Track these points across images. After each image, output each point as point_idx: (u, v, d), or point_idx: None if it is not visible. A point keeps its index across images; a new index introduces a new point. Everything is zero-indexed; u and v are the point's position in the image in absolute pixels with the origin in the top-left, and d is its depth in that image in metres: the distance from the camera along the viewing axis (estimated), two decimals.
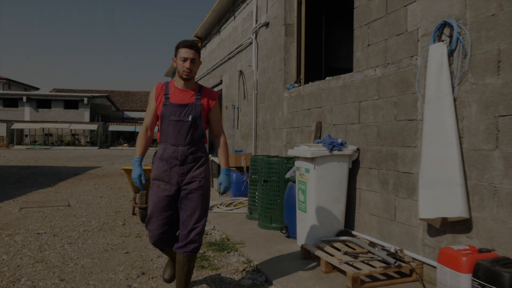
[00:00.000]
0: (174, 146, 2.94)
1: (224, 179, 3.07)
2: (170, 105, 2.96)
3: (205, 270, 3.85)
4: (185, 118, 2.94)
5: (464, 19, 3.14)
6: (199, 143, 3.02)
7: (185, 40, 2.99)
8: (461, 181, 3.02)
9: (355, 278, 3.25)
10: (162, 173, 2.96)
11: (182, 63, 2.94)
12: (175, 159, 2.93)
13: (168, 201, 2.95)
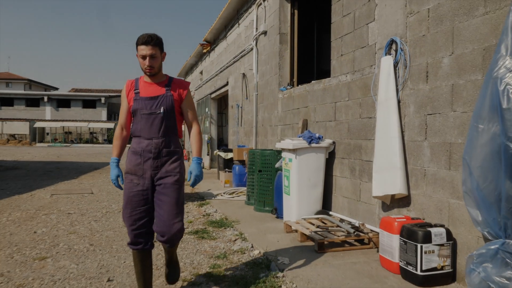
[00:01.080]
0: (148, 139, 2.89)
1: (195, 167, 2.94)
2: (140, 99, 2.91)
3: (204, 240, 4.75)
4: (157, 110, 2.88)
5: (405, 38, 3.96)
6: (172, 136, 2.96)
7: (142, 35, 2.85)
8: (400, 166, 3.85)
9: (320, 243, 4.11)
10: (135, 167, 2.91)
11: (142, 61, 2.86)
12: (149, 152, 2.88)
13: (142, 196, 2.88)
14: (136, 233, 2.89)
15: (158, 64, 2.92)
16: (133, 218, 2.88)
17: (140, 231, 2.89)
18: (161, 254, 4.20)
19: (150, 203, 2.91)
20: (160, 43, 2.90)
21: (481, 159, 2.63)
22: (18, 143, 41.46)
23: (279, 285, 3.29)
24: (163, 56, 2.97)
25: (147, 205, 2.90)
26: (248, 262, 3.91)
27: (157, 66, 2.90)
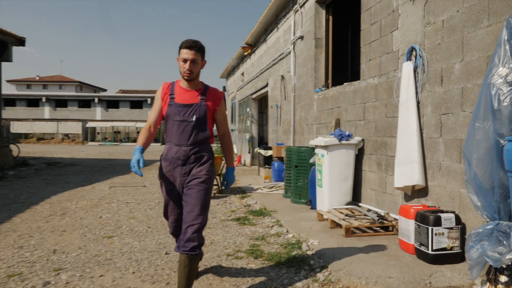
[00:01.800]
0: (178, 146, 2.95)
1: (229, 177, 3.15)
2: (175, 105, 2.95)
3: (245, 225, 5.40)
4: (189, 118, 2.92)
5: (423, 45, 4.41)
6: (203, 144, 3.00)
7: (187, 40, 2.92)
8: (418, 160, 4.31)
9: (347, 229, 4.63)
10: (167, 173, 3.00)
11: (182, 64, 2.90)
12: (177, 159, 2.94)
13: (175, 200, 3.03)
14: (178, 228, 3.10)
15: (197, 70, 2.95)
16: (172, 217, 3.09)
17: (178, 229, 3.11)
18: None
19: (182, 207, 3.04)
20: (203, 50, 2.96)
21: (478, 153, 3.09)
22: (71, 142, 44.07)
23: (308, 260, 3.87)
24: (203, 64, 3.00)
25: (180, 209, 3.05)
26: (282, 243, 4.50)
27: (196, 72, 2.93)
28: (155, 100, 3.09)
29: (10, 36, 15.43)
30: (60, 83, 61.24)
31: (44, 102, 48.18)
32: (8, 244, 4.64)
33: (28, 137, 45.20)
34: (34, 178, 11.09)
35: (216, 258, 4.09)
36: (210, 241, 4.70)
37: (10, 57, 16.06)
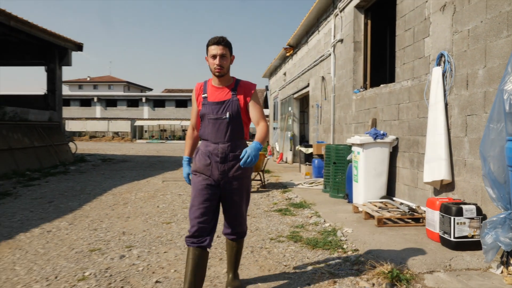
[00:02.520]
0: (215, 144, 2.96)
1: (252, 147, 2.70)
2: (208, 104, 2.99)
3: (286, 216, 5.96)
4: (223, 115, 2.94)
5: (451, 52, 4.79)
6: (239, 140, 3.02)
7: (213, 37, 2.95)
8: (445, 157, 4.70)
9: (379, 219, 5.09)
10: (203, 167, 2.98)
11: (212, 61, 2.93)
12: (216, 156, 2.95)
13: (208, 192, 2.94)
14: (201, 226, 2.89)
15: (227, 65, 2.97)
16: (200, 211, 2.90)
17: (204, 225, 2.91)
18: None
19: (216, 201, 2.98)
20: (230, 45, 3.00)
21: (492, 151, 3.50)
22: (121, 139, 46.21)
23: (342, 244, 4.38)
24: (231, 59, 3.03)
25: (213, 202, 2.95)
26: (320, 231, 5.04)
27: (226, 67, 2.96)
28: (192, 102, 3.17)
29: (70, 43, 16.76)
30: (109, 83, 63.94)
31: (95, 102, 50.77)
32: (84, 227, 5.45)
33: (82, 135, 47.82)
34: (93, 173, 12.17)
35: (261, 241, 4.69)
36: (255, 228, 5.31)
37: (69, 62, 17.44)
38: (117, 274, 3.68)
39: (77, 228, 5.42)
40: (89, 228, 5.38)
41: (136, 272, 3.75)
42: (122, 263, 3.98)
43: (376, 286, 3.32)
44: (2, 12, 12.43)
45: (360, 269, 3.72)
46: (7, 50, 17.06)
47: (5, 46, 16.83)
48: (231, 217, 3.08)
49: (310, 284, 3.42)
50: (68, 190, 8.62)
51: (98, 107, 50.93)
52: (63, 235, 5.08)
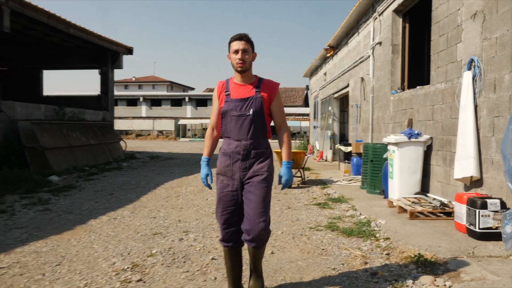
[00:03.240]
0: (237, 141, 2.96)
1: (285, 172, 2.97)
2: (231, 101, 2.98)
3: (325, 209, 6.48)
4: (246, 112, 2.93)
5: (481, 57, 5.13)
6: (261, 137, 2.99)
7: (235, 34, 2.98)
8: (474, 155, 5.06)
9: (411, 212, 5.50)
10: (225, 168, 2.99)
11: (234, 56, 2.94)
12: (237, 154, 2.94)
13: (231, 197, 2.95)
14: (226, 231, 2.98)
15: (249, 61, 2.97)
16: (224, 217, 2.97)
17: (230, 230, 2.98)
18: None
19: (239, 204, 2.97)
20: (252, 42, 3.00)
21: (511, 149, 3.87)
22: (165, 138, 47.91)
23: (375, 233, 4.85)
24: (254, 56, 3.02)
25: (236, 206, 2.96)
26: (355, 222, 5.52)
27: (248, 62, 2.95)
28: (213, 101, 3.17)
29: (121, 47, 17.91)
30: (153, 83, 65.89)
31: (141, 102, 52.83)
32: (144, 215, 6.20)
33: (128, 133, 49.93)
34: (144, 169, 13.11)
35: (301, 229, 5.23)
36: (296, 219, 5.86)
37: (121, 65, 18.61)
38: (179, 252, 4.34)
39: (138, 216, 6.17)
40: (149, 216, 6.12)
41: (194, 251, 4.40)
42: (181, 244, 4.64)
43: (403, 268, 3.79)
44: (63, 20, 13.60)
45: (389, 253, 4.20)
46: (65, 55, 18.44)
47: (63, 51, 18.20)
48: (250, 218, 2.92)
49: (344, 264, 3.93)
50: (125, 184, 9.49)
51: (144, 107, 52.97)
52: (128, 221, 5.83)
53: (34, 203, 7.15)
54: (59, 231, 5.31)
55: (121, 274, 3.76)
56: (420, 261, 3.81)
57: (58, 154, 12.44)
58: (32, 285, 3.51)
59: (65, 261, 4.12)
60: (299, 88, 56.10)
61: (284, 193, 8.14)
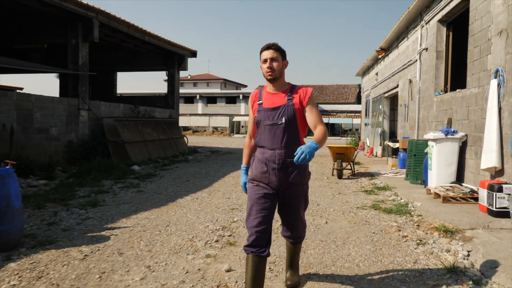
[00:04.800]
0: (271, 150, 2.95)
1: (308, 145, 2.59)
2: (263, 110, 3.00)
3: (370, 194, 7.67)
4: (279, 121, 2.93)
5: (505, 68, 6.11)
6: (295, 145, 2.95)
7: (265, 45, 3.01)
8: (497, 149, 6.06)
9: (444, 197, 6.58)
10: (260, 174, 2.97)
11: (263, 65, 2.97)
12: (273, 162, 2.93)
13: (266, 200, 2.93)
14: (259, 235, 2.88)
15: (279, 68, 2.97)
16: (258, 220, 2.90)
17: (262, 234, 2.90)
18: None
19: (273, 210, 2.97)
20: (282, 50, 3.01)
21: None
22: (220, 134, 50.04)
23: (410, 212, 6.01)
24: (285, 64, 3.04)
25: (270, 210, 2.94)
26: (395, 204, 6.68)
27: (277, 70, 2.96)
28: (249, 111, 3.22)
29: (187, 51, 19.72)
30: (207, 80, 68.07)
31: (197, 99, 55.42)
32: (220, 196, 7.67)
33: (186, 129, 52.59)
34: (208, 161, 14.75)
35: (349, 208, 6.48)
36: (345, 201, 7.10)
37: (186, 67, 20.44)
38: None
39: (215, 197, 7.65)
40: (224, 197, 7.58)
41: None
42: None
43: (429, 234, 4.96)
44: (140, 29, 15.52)
45: (419, 225, 5.37)
46: (136, 58, 20.52)
47: (135, 55, 20.30)
48: (289, 223, 3.13)
49: (382, 230, 5.16)
50: (196, 174, 11.08)
51: (200, 104, 55.51)
52: (207, 200, 7.32)
53: (127, 186, 8.83)
54: (157, 206, 6.87)
55: (215, 232, 5.21)
56: (443, 229, 4.95)
57: (135, 147, 14.34)
58: (155, 237, 5.02)
59: (171, 224, 5.64)
60: (351, 85, 56.10)
61: (335, 183, 9.37)
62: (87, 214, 6.14)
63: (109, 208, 6.60)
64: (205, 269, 3.88)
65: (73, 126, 12.83)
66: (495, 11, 6.50)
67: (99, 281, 3.58)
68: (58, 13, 12.35)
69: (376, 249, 4.42)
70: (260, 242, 2.91)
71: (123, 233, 5.11)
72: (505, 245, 4.30)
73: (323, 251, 4.38)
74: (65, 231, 5.18)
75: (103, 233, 5.13)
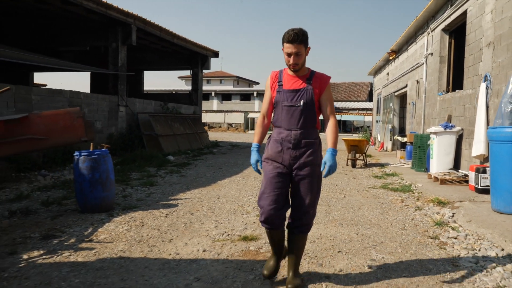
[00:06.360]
0: (288, 130, 3.03)
1: (329, 158, 2.93)
2: (283, 92, 3.06)
3: (380, 179, 9.10)
4: (297, 103, 3.00)
5: (491, 74, 7.48)
6: (311, 127, 3.06)
7: (288, 33, 2.96)
8: (484, 140, 7.42)
9: (441, 180, 7.97)
10: (275, 154, 3.05)
11: (287, 58, 3.00)
12: (288, 142, 3.01)
13: (280, 179, 3.00)
14: (272, 213, 2.98)
15: (302, 61, 3.04)
16: (271, 198, 2.98)
17: (275, 212, 3.00)
18: None
19: (287, 188, 3.06)
20: (305, 40, 3.01)
21: None
22: (235, 130, 51.61)
23: (413, 190, 7.43)
24: (307, 51, 3.07)
25: (284, 189, 3.03)
26: (401, 185, 8.11)
27: (301, 63, 3.03)
28: (265, 90, 3.24)
29: (210, 51, 21.20)
30: (220, 78, 69.16)
31: (213, 96, 56.99)
32: (252, 180, 9.14)
33: (203, 125, 54.18)
34: (232, 154, 16.24)
35: (362, 188, 7.92)
36: (359, 183, 8.54)
37: (209, 66, 21.92)
38: None
39: (248, 180, 9.12)
40: (256, 180, 9.05)
41: None
42: None
43: (425, 204, 6.37)
44: (170, 32, 17.03)
45: (419, 198, 6.80)
46: (163, 58, 22.04)
47: (162, 55, 21.83)
48: (300, 205, 3.10)
49: (389, 202, 6.60)
50: (226, 163, 12.57)
51: (215, 101, 57.08)
52: (242, 183, 8.78)
53: (170, 172, 10.31)
54: (203, 185, 8.35)
55: (256, 204, 6.67)
56: (437, 201, 6.37)
57: (166, 140, 15.88)
58: (213, 204, 6.50)
59: (221, 197, 7.11)
60: (363, 83, 57.05)
61: (350, 171, 10.80)
62: (149, 190, 7.63)
63: (164, 187, 8.09)
64: (258, 222, 5.36)
65: (113, 121, 14.37)
66: (485, 26, 7.86)
67: (185, 228, 5.07)
68: (101, 19, 13.89)
69: (383, 212, 5.87)
70: (274, 219, 3.02)
71: (186, 202, 6.60)
72: (481, 210, 5.71)
73: (344, 212, 5.84)
74: (139, 201, 6.68)
75: (171, 202, 6.63)
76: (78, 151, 5.92)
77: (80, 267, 3.69)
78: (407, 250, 4.14)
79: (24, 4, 12.89)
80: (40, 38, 15.55)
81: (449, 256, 3.96)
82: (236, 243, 4.44)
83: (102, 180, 5.85)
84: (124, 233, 4.79)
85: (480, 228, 4.76)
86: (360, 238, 4.56)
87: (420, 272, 3.53)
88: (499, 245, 4.19)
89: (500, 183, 5.47)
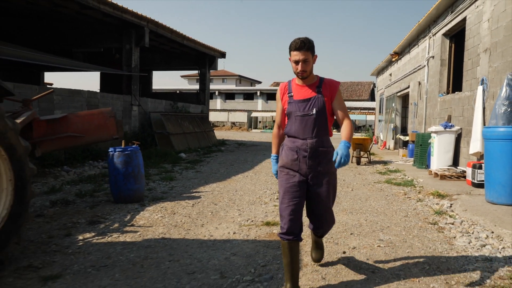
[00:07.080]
0: (303, 139, 3.07)
1: (342, 147, 2.88)
2: (294, 102, 3.11)
3: (383, 175, 9.74)
4: (310, 112, 3.05)
5: (488, 77, 8.10)
6: (324, 135, 3.11)
7: (295, 41, 3.01)
8: (480, 138, 8.03)
9: (441, 175, 8.60)
10: (291, 162, 3.09)
11: (295, 66, 3.04)
12: (304, 151, 3.05)
13: (298, 187, 3.05)
14: (292, 223, 3.04)
15: (310, 67, 3.06)
16: (291, 208, 3.03)
17: (296, 221, 3.05)
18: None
19: (303, 196, 3.11)
20: (312, 47, 3.05)
21: None
22: (238, 129, 52.21)
23: (414, 184, 8.06)
24: (314, 59, 3.10)
25: (301, 197, 3.08)
26: (403, 180, 8.74)
27: (309, 70, 3.06)
28: (276, 102, 3.32)
29: (217, 52, 21.82)
30: (223, 77, 69.52)
31: (216, 95, 57.60)
32: (264, 175, 9.77)
33: None
34: (240, 151, 16.86)
35: (368, 182, 8.55)
36: (364, 178, 9.17)
37: (216, 67, 22.54)
38: None
39: (260, 176, 9.75)
40: (267, 176, 9.69)
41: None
42: None
43: (426, 197, 7.00)
44: (180, 34, 17.65)
45: (420, 192, 7.44)
46: (172, 58, 22.67)
47: (170, 56, 22.45)
48: (319, 215, 3.23)
49: (393, 195, 7.24)
50: (236, 160, 13.20)
51: (219, 100, 57.69)
52: (256, 177, 9.42)
53: (185, 168, 10.94)
54: (219, 180, 8.99)
55: (274, 194, 7.30)
56: (436, 194, 6.99)
57: (177, 138, 16.51)
58: (232, 196, 7.13)
59: (238, 190, 7.74)
60: (365, 82, 57.53)
61: (355, 167, 11.43)
62: (170, 184, 8.26)
63: (183, 181, 8.73)
64: (277, 211, 5.99)
65: (127, 120, 15.00)
66: (483, 33, 8.49)
67: (212, 216, 5.71)
68: (115, 22, 14.51)
69: (388, 203, 6.52)
70: (294, 229, 3.06)
71: (208, 194, 7.24)
72: (476, 201, 6.34)
73: (353, 203, 6.49)
74: (164, 193, 7.31)
75: (193, 194, 7.27)
76: (113, 147, 6.57)
77: (131, 245, 4.34)
78: (410, 233, 4.78)
79: (41, 7, 13.54)
80: (54, 39, 16.15)
81: (446, 238, 4.60)
82: (260, 227, 5.07)
83: (134, 173, 6.49)
84: (160, 219, 5.43)
85: (474, 216, 5.39)
86: (368, 224, 5.20)
87: (421, 249, 4.17)
88: (490, 229, 4.82)
89: (493, 177, 6.10)
